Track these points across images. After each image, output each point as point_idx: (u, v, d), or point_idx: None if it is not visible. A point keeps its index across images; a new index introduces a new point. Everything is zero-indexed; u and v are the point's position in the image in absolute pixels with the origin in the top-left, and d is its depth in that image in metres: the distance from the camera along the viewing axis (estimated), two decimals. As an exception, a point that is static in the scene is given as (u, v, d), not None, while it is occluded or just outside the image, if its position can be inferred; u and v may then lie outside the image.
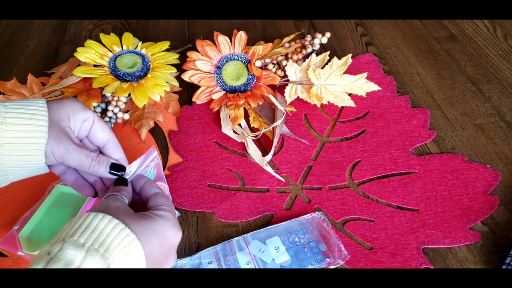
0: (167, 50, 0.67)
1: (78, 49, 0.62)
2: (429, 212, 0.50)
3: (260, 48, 0.63)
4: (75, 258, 0.27)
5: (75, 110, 0.38)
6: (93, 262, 0.28)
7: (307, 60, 0.62)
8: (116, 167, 0.39)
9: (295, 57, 0.67)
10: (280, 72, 0.65)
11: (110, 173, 0.39)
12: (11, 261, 0.48)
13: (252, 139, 0.59)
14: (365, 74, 0.61)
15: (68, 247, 0.28)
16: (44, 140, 0.35)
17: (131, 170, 0.41)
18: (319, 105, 0.64)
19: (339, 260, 0.45)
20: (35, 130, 0.35)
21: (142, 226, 0.33)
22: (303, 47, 0.68)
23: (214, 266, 0.46)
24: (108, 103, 0.63)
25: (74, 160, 0.37)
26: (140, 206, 0.40)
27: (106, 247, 0.29)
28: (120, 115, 0.63)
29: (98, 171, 0.38)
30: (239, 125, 0.61)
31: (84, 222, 0.30)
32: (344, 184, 0.54)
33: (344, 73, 0.61)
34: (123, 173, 0.40)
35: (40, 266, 0.27)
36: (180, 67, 0.66)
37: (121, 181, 0.39)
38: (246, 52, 0.65)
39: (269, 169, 0.56)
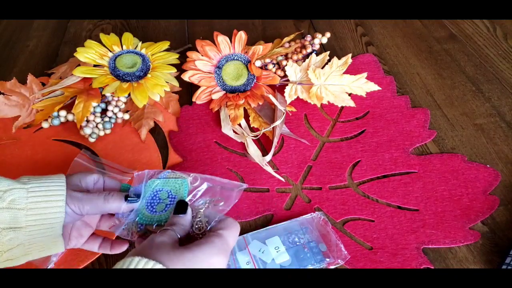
0: (167, 50, 0.67)
1: (78, 49, 0.62)
2: (429, 212, 0.50)
3: (260, 48, 0.63)
4: None
5: (84, 173, 0.43)
6: None
7: (307, 60, 0.62)
8: (130, 195, 0.42)
9: (295, 57, 0.67)
10: (280, 72, 0.65)
11: (128, 201, 0.41)
12: (11, 261, 0.47)
13: (252, 139, 0.59)
14: (365, 74, 0.61)
15: None
16: (63, 197, 0.39)
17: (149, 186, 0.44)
18: (319, 105, 0.64)
19: (339, 260, 0.45)
20: (53, 195, 0.39)
21: (181, 261, 0.33)
22: (303, 47, 0.68)
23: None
24: (108, 103, 0.63)
25: (89, 204, 0.40)
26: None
27: None
28: (120, 115, 0.63)
29: (113, 203, 0.41)
30: (239, 125, 0.61)
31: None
32: (344, 184, 0.54)
33: (344, 73, 0.61)
34: (137, 200, 0.42)
35: None
36: (180, 67, 0.66)
37: (180, 207, 0.40)
38: (246, 52, 0.65)
39: (269, 169, 0.56)
